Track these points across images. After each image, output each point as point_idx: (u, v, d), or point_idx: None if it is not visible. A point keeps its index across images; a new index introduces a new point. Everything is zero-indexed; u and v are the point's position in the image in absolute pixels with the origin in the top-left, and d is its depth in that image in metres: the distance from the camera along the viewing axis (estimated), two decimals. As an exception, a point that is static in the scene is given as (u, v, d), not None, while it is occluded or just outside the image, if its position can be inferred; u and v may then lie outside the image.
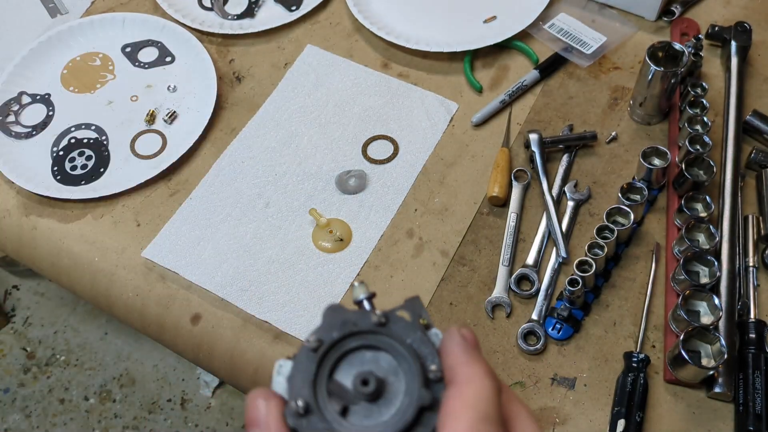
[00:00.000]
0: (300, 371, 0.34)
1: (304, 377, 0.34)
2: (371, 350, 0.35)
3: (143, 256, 0.78)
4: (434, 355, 0.35)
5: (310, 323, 0.72)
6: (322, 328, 0.35)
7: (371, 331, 0.35)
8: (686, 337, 0.64)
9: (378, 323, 0.35)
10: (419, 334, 0.35)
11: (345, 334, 0.35)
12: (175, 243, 0.79)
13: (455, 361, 0.34)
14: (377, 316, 0.35)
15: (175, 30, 0.95)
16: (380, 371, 0.35)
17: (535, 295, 0.73)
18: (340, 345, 0.35)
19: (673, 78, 0.79)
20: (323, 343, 0.35)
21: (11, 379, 1.69)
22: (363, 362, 0.35)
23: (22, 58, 0.93)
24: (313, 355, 0.34)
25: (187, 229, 0.80)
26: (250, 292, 0.75)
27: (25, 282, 1.83)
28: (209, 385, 1.65)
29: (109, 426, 1.62)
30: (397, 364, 0.35)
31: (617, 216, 0.74)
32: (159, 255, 0.77)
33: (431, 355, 0.35)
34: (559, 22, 0.95)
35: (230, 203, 0.81)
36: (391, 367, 0.35)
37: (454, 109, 0.88)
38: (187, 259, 0.77)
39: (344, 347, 0.35)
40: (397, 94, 0.89)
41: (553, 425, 0.66)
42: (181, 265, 0.77)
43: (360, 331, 0.35)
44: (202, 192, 0.83)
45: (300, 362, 0.34)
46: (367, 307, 0.37)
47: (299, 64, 0.93)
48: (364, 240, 0.78)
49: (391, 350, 0.35)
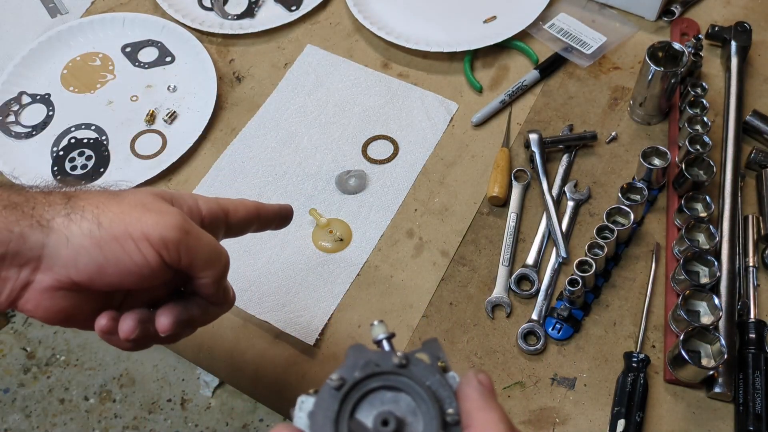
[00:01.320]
0: (322, 408, 0.35)
1: (326, 415, 0.35)
2: (391, 391, 0.37)
3: None
4: (452, 399, 0.36)
5: (311, 323, 0.72)
6: (345, 368, 0.37)
7: (392, 372, 0.37)
8: (686, 337, 0.64)
9: (399, 365, 0.37)
10: (438, 377, 0.37)
11: (367, 375, 0.36)
12: None
13: (472, 406, 0.36)
14: (398, 357, 0.37)
15: (175, 30, 0.96)
16: (400, 412, 0.36)
17: (535, 295, 0.73)
18: (361, 385, 0.36)
19: (673, 78, 0.79)
20: (346, 382, 0.36)
21: (11, 379, 1.69)
22: (383, 402, 0.36)
23: (22, 58, 0.93)
24: (335, 394, 0.36)
25: None
26: (250, 293, 0.75)
27: (25, 282, 1.83)
28: (209, 385, 1.65)
29: (109, 426, 1.62)
30: (416, 405, 0.36)
31: (617, 216, 0.74)
32: None
33: (449, 399, 0.36)
34: (559, 22, 0.95)
35: None
36: (410, 408, 0.36)
37: (454, 109, 0.88)
38: None
39: (366, 387, 0.36)
40: (397, 94, 0.89)
41: (553, 425, 0.66)
42: None
43: (381, 372, 0.37)
44: (201, 192, 0.83)
45: (322, 400, 0.36)
46: (387, 347, 0.39)
47: (299, 64, 0.93)
48: (364, 240, 0.78)
49: (410, 392, 0.36)
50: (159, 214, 0.47)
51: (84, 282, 0.45)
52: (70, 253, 0.44)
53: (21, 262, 0.44)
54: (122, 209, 0.46)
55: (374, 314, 0.73)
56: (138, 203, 0.47)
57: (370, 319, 0.73)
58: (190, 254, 0.47)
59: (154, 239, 0.46)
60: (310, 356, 0.71)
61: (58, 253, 0.44)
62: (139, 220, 0.46)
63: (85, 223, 0.45)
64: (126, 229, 0.45)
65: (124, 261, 0.45)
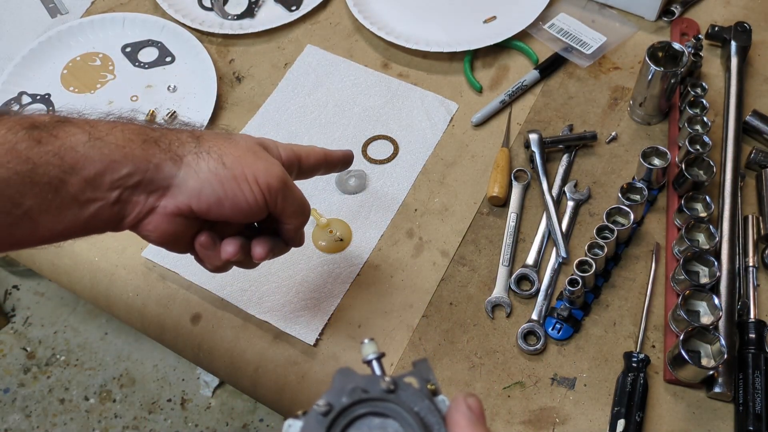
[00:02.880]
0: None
1: None
2: (379, 417, 0.36)
3: (143, 256, 0.78)
4: (441, 425, 0.36)
5: (310, 323, 0.72)
6: (332, 392, 0.36)
7: (380, 399, 0.36)
8: (686, 337, 0.64)
9: (387, 390, 0.36)
10: (427, 402, 0.36)
11: (354, 401, 0.36)
12: None
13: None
14: (386, 382, 0.36)
15: (175, 30, 0.96)
16: None
17: (535, 295, 0.73)
18: (349, 411, 0.36)
19: (673, 78, 0.79)
20: (333, 408, 0.36)
21: (11, 379, 1.69)
22: (371, 428, 0.36)
23: (22, 58, 0.93)
24: (322, 420, 0.35)
25: None
26: (250, 292, 0.75)
27: (25, 282, 1.83)
28: (209, 385, 1.65)
29: (109, 426, 1.62)
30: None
31: (617, 216, 0.74)
32: (159, 255, 0.77)
33: (438, 425, 0.36)
34: (559, 22, 0.95)
35: None
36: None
37: (454, 109, 0.88)
38: (187, 258, 0.77)
39: (353, 413, 0.36)
40: (396, 94, 0.89)
41: (553, 425, 0.66)
42: (181, 265, 0.77)
43: (369, 398, 0.36)
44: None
45: (309, 425, 0.35)
46: (377, 368, 0.39)
47: (299, 65, 0.93)
48: (364, 240, 0.78)
49: (398, 418, 0.36)
50: (266, 162, 0.55)
51: (201, 211, 0.53)
52: (196, 185, 0.52)
53: (152, 189, 0.51)
54: (239, 153, 0.54)
55: (374, 314, 0.73)
56: (249, 149, 0.55)
57: (370, 319, 0.73)
58: (285, 202, 0.56)
59: (263, 184, 0.54)
60: (310, 356, 0.71)
61: (186, 184, 0.52)
62: (252, 165, 0.54)
63: (212, 162, 0.52)
64: (243, 171, 0.53)
65: (238, 198, 0.53)
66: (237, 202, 0.53)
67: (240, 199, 0.53)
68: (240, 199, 0.53)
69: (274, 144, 0.59)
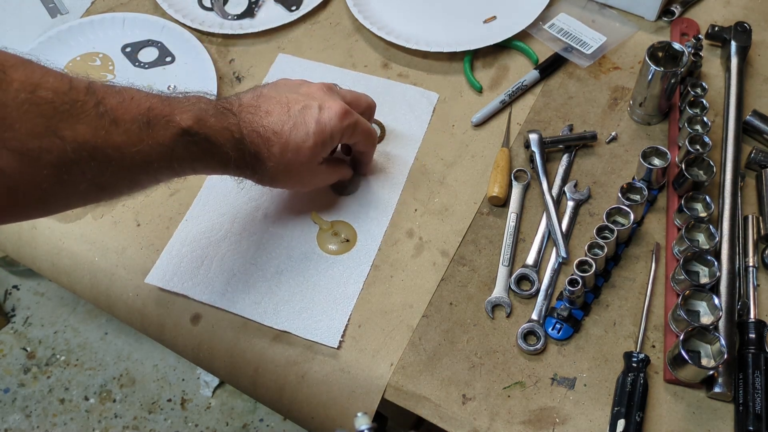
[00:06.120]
0: None
1: None
2: None
3: (147, 282, 0.76)
4: None
5: (331, 327, 0.72)
6: None
7: None
8: (686, 337, 0.64)
9: None
10: None
11: None
12: (177, 265, 0.77)
13: None
14: None
15: (175, 30, 0.96)
16: None
17: (535, 295, 0.73)
18: None
19: (673, 78, 0.79)
20: None
21: (11, 379, 1.69)
22: None
23: (22, 58, 0.93)
24: None
25: (187, 250, 0.78)
26: (264, 305, 0.74)
27: (25, 282, 1.83)
28: (209, 385, 1.65)
29: (109, 426, 1.62)
30: None
31: (617, 216, 0.74)
32: (163, 279, 0.76)
33: None
34: (559, 22, 0.95)
35: (228, 219, 0.80)
36: None
37: (435, 99, 0.88)
38: (193, 280, 0.76)
39: None
40: (377, 91, 0.88)
41: (553, 425, 0.66)
42: (188, 287, 0.75)
43: None
44: (196, 211, 0.81)
45: None
46: None
47: (272, 75, 0.92)
48: (368, 238, 0.78)
49: None
50: (339, 104, 0.70)
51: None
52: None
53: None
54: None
55: (374, 314, 0.73)
56: (327, 90, 0.72)
57: (370, 319, 0.73)
58: (356, 136, 0.73)
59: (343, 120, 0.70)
60: (310, 356, 0.71)
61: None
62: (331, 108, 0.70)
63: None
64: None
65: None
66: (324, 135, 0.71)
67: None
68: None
69: (336, 89, 0.76)
